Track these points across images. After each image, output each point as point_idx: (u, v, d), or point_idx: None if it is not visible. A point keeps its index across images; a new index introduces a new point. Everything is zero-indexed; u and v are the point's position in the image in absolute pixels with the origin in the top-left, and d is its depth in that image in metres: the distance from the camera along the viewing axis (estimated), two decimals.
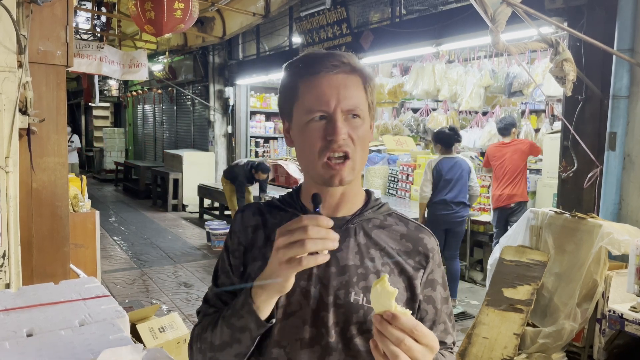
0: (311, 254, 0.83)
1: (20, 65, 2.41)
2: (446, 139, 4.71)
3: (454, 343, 1.10)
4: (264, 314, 0.91)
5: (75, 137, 12.54)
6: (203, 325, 1.03)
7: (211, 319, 1.02)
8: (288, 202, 1.08)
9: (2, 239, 2.33)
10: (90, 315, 1.41)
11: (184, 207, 10.17)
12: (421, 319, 1.03)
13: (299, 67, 1.00)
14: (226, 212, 8.93)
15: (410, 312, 0.82)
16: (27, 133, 2.56)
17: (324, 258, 0.84)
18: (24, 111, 2.49)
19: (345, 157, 0.96)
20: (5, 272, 2.34)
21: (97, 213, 4.18)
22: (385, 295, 0.81)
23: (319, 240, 0.82)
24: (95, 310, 1.44)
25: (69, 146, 11.18)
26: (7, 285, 2.36)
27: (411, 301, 1.02)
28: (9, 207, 2.33)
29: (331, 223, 0.83)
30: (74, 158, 12.40)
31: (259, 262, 1.01)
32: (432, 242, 1.06)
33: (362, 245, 1.01)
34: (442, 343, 1.06)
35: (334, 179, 0.96)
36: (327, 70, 0.97)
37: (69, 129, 12.03)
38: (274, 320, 0.94)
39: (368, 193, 1.09)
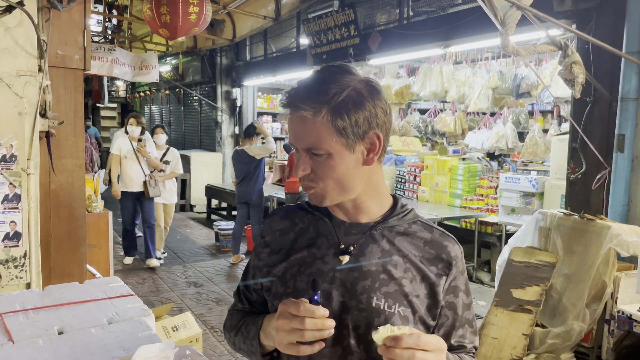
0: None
1: (40, 69, 2.46)
2: None
3: (475, 348, 1.12)
4: (266, 349, 1.07)
5: (174, 153, 6.45)
6: (232, 322, 1.19)
7: (237, 320, 1.17)
8: (314, 206, 1.12)
9: (23, 239, 2.39)
10: (117, 313, 1.45)
11: (191, 207, 10.23)
12: (441, 324, 1.06)
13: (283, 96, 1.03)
14: (234, 213, 8.97)
15: (407, 326, 0.91)
16: (46, 136, 2.61)
17: (319, 346, 0.94)
18: (43, 114, 2.55)
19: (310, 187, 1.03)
20: (26, 271, 2.39)
21: (110, 214, 4.25)
22: (383, 331, 0.90)
23: (316, 331, 0.92)
24: (121, 308, 1.49)
25: (162, 170, 6.23)
26: (28, 285, 2.41)
27: (433, 307, 1.05)
28: (30, 208, 2.38)
29: (327, 313, 0.92)
30: (172, 195, 6.53)
31: (285, 263, 1.07)
32: (455, 250, 1.08)
33: (385, 251, 1.04)
34: (461, 346, 1.09)
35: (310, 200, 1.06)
36: (292, 109, 1.00)
37: (165, 137, 6.50)
38: (275, 354, 1.08)
39: (395, 199, 1.11)
